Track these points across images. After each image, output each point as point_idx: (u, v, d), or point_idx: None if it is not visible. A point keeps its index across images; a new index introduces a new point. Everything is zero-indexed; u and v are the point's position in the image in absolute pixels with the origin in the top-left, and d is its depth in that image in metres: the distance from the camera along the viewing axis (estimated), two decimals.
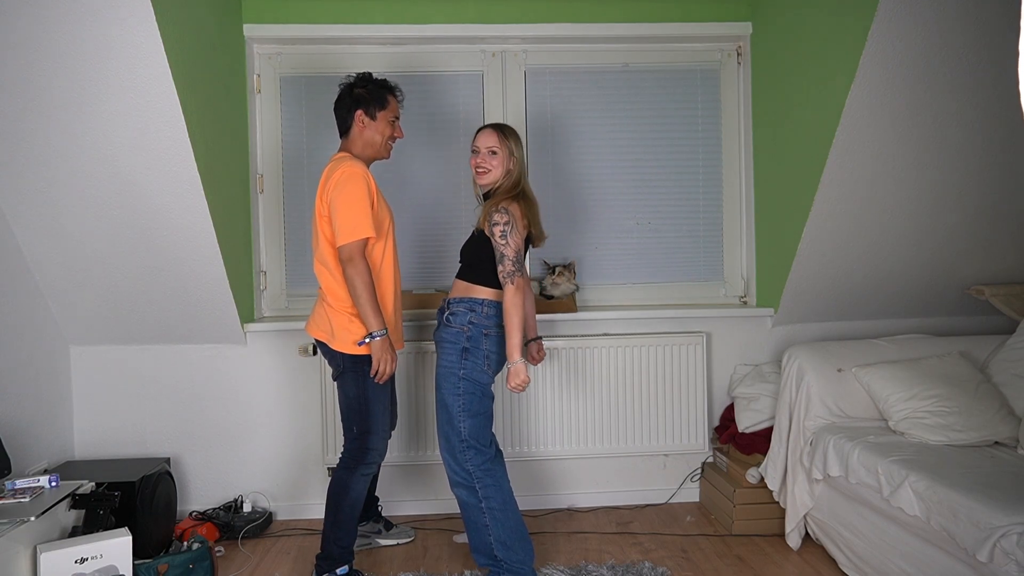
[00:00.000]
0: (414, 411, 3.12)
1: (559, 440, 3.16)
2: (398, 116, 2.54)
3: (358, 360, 2.42)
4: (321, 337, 2.47)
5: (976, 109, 2.52)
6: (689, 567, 2.62)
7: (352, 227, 2.30)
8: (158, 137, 2.45)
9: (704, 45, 3.30)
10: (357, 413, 2.45)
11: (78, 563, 2.18)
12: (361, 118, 2.47)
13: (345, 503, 2.45)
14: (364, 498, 2.52)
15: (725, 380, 3.30)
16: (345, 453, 2.50)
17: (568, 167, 3.29)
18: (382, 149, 2.52)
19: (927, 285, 3.15)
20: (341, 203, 2.31)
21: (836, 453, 2.50)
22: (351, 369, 2.43)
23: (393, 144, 2.55)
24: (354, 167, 2.35)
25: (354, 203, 2.31)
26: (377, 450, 2.48)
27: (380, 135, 2.49)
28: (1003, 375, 2.68)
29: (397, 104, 2.54)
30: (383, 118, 2.48)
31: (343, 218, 2.31)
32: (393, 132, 2.52)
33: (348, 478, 2.45)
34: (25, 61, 2.25)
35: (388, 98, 2.49)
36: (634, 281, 3.35)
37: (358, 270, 2.31)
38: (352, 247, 2.31)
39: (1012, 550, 1.79)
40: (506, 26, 3.13)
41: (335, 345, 2.42)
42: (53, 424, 2.95)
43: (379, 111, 2.47)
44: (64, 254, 2.74)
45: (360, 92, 2.47)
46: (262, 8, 3.08)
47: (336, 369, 2.48)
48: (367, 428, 2.45)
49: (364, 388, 2.43)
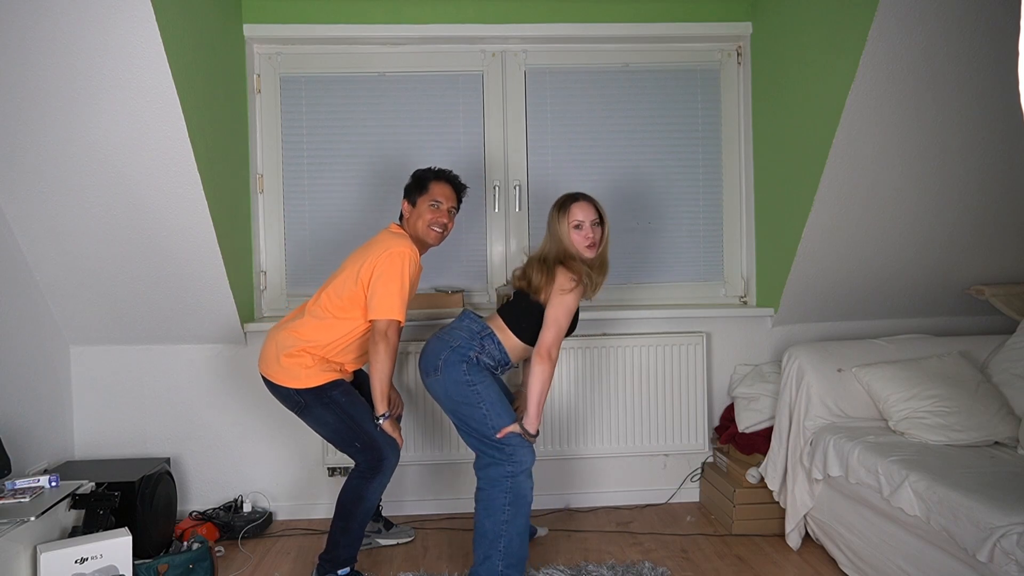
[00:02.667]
0: (418, 411, 3.12)
1: (559, 440, 3.16)
2: (441, 201, 2.53)
3: (318, 391, 2.43)
4: (278, 379, 2.45)
5: (976, 109, 2.52)
6: (689, 567, 2.62)
7: (388, 307, 2.36)
8: (158, 137, 2.45)
9: (704, 45, 3.30)
10: (351, 433, 2.44)
11: (78, 563, 2.18)
12: (405, 206, 2.58)
13: (359, 511, 2.44)
14: (376, 506, 2.51)
15: (725, 380, 3.30)
16: (360, 466, 2.46)
17: (567, 167, 3.29)
18: (425, 234, 2.53)
19: (927, 285, 3.15)
20: (387, 280, 2.37)
21: (836, 453, 2.50)
22: (315, 401, 2.43)
23: (440, 232, 2.55)
24: (403, 247, 2.40)
25: (399, 283, 2.37)
26: (390, 455, 2.46)
27: (420, 219, 2.52)
28: (1003, 375, 2.69)
29: (444, 187, 2.56)
30: (423, 202, 2.54)
31: (381, 295, 2.37)
32: (434, 216, 2.52)
33: (364, 487, 2.43)
34: (25, 61, 2.25)
35: (430, 184, 2.55)
36: (634, 281, 3.35)
37: (390, 347, 2.38)
38: (387, 324, 2.37)
39: (1012, 550, 1.79)
40: (506, 26, 3.14)
41: (298, 384, 2.42)
42: (53, 424, 2.95)
43: (419, 196, 2.55)
44: (64, 254, 2.74)
45: (408, 183, 2.60)
46: (262, 8, 3.08)
47: (296, 406, 2.47)
48: (368, 438, 2.43)
49: (339, 408, 2.43)
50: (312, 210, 3.23)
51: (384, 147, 3.22)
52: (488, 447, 2.33)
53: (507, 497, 2.28)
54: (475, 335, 2.39)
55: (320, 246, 3.23)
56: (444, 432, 3.12)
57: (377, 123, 3.22)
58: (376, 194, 3.22)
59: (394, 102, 3.22)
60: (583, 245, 2.41)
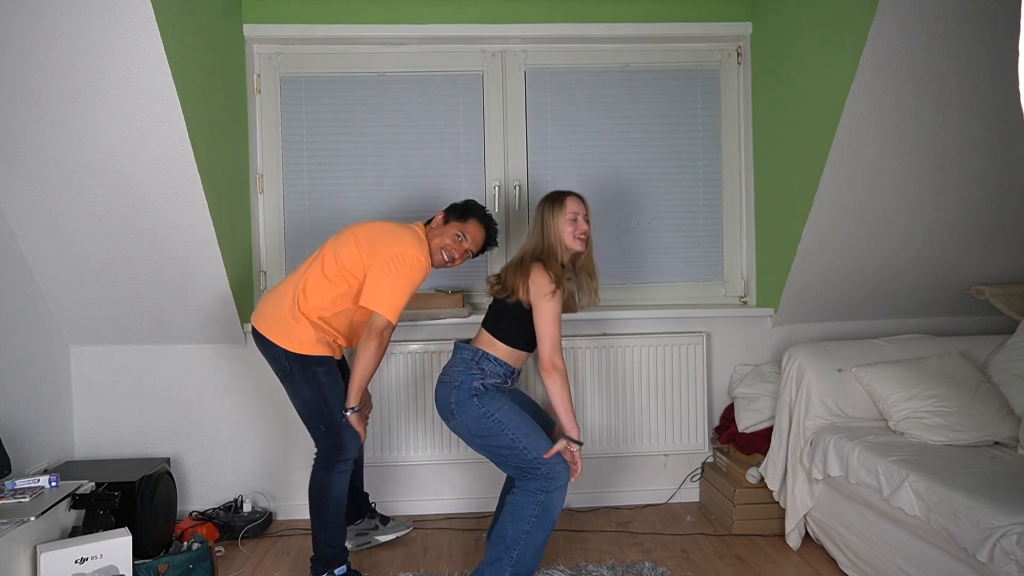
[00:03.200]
0: (417, 412, 3.12)
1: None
2: (467, 237, 2.54)
3: (305, 360, 2.43)
4: (272, 336, 2.44)
5: (976, 109, 2.52)
6: (689, 567, 2.62)
7: (390, 304, 2.36)
8: (158, 137, 2.45)
9: (704, 45, 3.30)
10: (320, 413, 2.45)
11: (78, 563, 2.18)
12: (439, 217, 2.59)
13: (329, 502, 2.46)
14: (347, 494, 2.52)
15: (725, 380, 3.30)
16: (320, 453, 2.50)
17: (567, 167, 3.29)
18: (434, 252, 2.54)
19: (927, 285, 3.15)
20: (397, 277, 2.37)
21: (836, 453, 2.50)
22: (299, 371, 2.43)
23: (446, 260, 2.55)
24: (422, 254, 2.41)
25: (407, 286, 2.38)
26: (351, 446, 2.48)
27: (440, 238, 2.54)
28: (1003, 375, 2.69)
29: (479, 230, 2.57)
30: (453, 228, 2.55)
31: (389, 292, 2.36)
32: (452, 244, 2.53)
33: (327, 477, 2.46)
34: (25, 61, 2.25)
35: (471, 218, 2.56)
36: (634, 281, 3.35)
37: (382, 346, 2.38)
38: (385, 323, 2.37)
39: (1012, 550, 1.79)
40: (506, 26, 3.13)
41: (287, 344, 2.41)
42: (53, 424, 2.95)
43: (455, 220, 2.57)
44: (64, 254, 2.74)
45: (458, 203, 2.61)
46: (262, 8, 3.08)
47: (282, 370, 2.47)
48: (335, 424, 2.45)
49: (318, 386, 2.44)
50: (312, 210, 3.23)
51: (384, 147, 3.22)
52: (527, 469, 2.30)
53: (536, 510, 2.28)
54: (471, 363, 2.37)
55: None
56: (444, 432, 3.12)
57: (377, 123, 3.22)
58: (376, 194, 3.22)
59: (394, 102, 3.22)
60: (574, 236, 2.41)
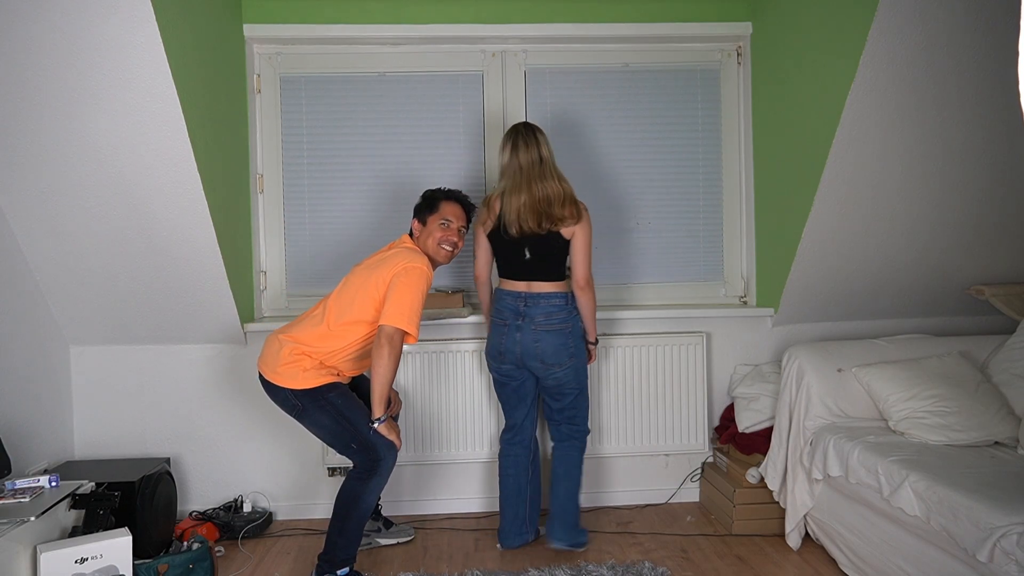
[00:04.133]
0: (419, 411, 3.12)
1: None
2: (451, 220, 2.58)
3: (314, 393, 2.44)
4: (277, 380, 2.46)
5: (976, 109, 2.52)
6: (689, 567, 2.62)
7: (399, 315, 2.38)
8: (158, 137, 2.45)
9: (704, 45, 3.30)
10: (346, 435, 2.44)
11: (78, 563, 2.18)
12: (415, 224, 2.63)
13: (355, 514, 2.44)
14: (373, 509, 2.52)
15: (725, 380, 3.30)
16: (358, 465, 2.46)
17: (568, 167, 3.28)
18: (435, 252, 2.57)
19: (927, 285, 3.15)
20: (403, 291, 2.40)
21: (836, 453, 2.50)
22: (311, 403, 2.44)
23: (451, 250, 2.59)
24: (423, 264, 2.46)
25: (415, 297, 2.41)
26: (387, 457, 2.44)
27: (431, 237, 2.57)
28: (1003, 375, 2.69)
29: (454, 206, 2.61)
30: (433, 221, 2.58)
31: (400, 304, 2.39)
32: (445, 234, 2.57)
33: (361, 489, 2.43)
34: (25, 61, 2.25)
35: (440, 203, 2.61)
36: (634, 281, 3.35)
37: (395, 352, 2.39)
38: (396, 332, 2.38)
39: (1012, 550, 1.79)
40: (506, 26, 3.13)
41: (295, 385, 2.43)
42: (53, 424, 2.95)
43: (429, 215, 2.60)
44: (64, 254, 2.74)
45: (418, 202, 2.66)
46: (262, 8, 3.08)
47: (293, 409, 2.48)
48: (365, 440, 2.43)
49: (335, 410, 2.44)
50: (312, 210, 3.23)
51: (384, 147, 3.22)
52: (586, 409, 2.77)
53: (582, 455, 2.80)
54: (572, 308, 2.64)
55: (320, 246, 3.24)
56: (444, 432, 3.13)
57: (377, 123, 3.22)
58: (376, 194, 3.22)
59: (394, 102, 3.22)
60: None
